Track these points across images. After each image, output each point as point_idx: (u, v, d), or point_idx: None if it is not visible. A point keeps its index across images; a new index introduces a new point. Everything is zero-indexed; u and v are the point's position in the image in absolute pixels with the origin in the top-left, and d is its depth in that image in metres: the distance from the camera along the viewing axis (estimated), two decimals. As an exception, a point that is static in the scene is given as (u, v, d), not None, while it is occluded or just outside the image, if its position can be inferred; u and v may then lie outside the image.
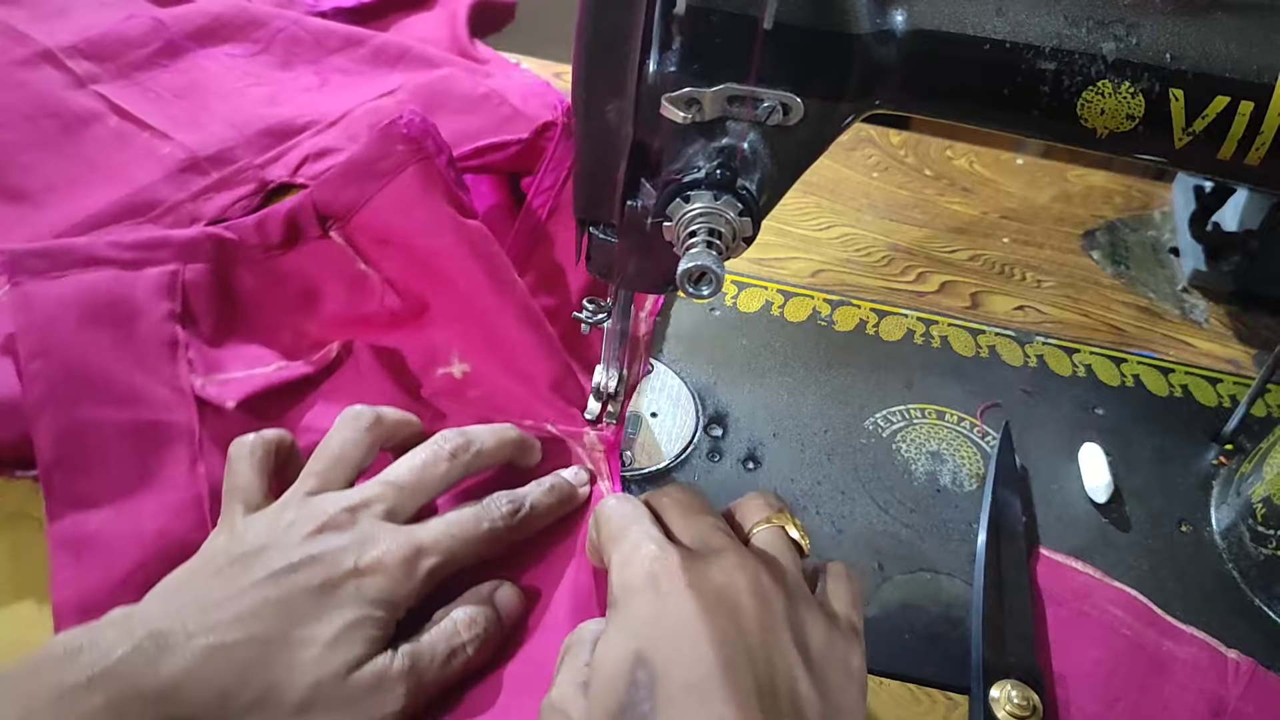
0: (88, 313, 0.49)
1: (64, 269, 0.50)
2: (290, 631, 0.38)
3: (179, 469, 0.47)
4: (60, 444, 0.46)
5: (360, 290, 0.56)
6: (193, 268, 0.53)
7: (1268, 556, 0.51)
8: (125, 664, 0.36)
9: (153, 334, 0.50)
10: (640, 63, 0.37)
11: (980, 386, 0.60)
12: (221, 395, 0.50)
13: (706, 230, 0.38)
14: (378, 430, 0.46)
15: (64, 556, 0.44)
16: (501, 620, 0.44)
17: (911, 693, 0.46)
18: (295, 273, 0.55)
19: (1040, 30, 0.38)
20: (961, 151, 0.80)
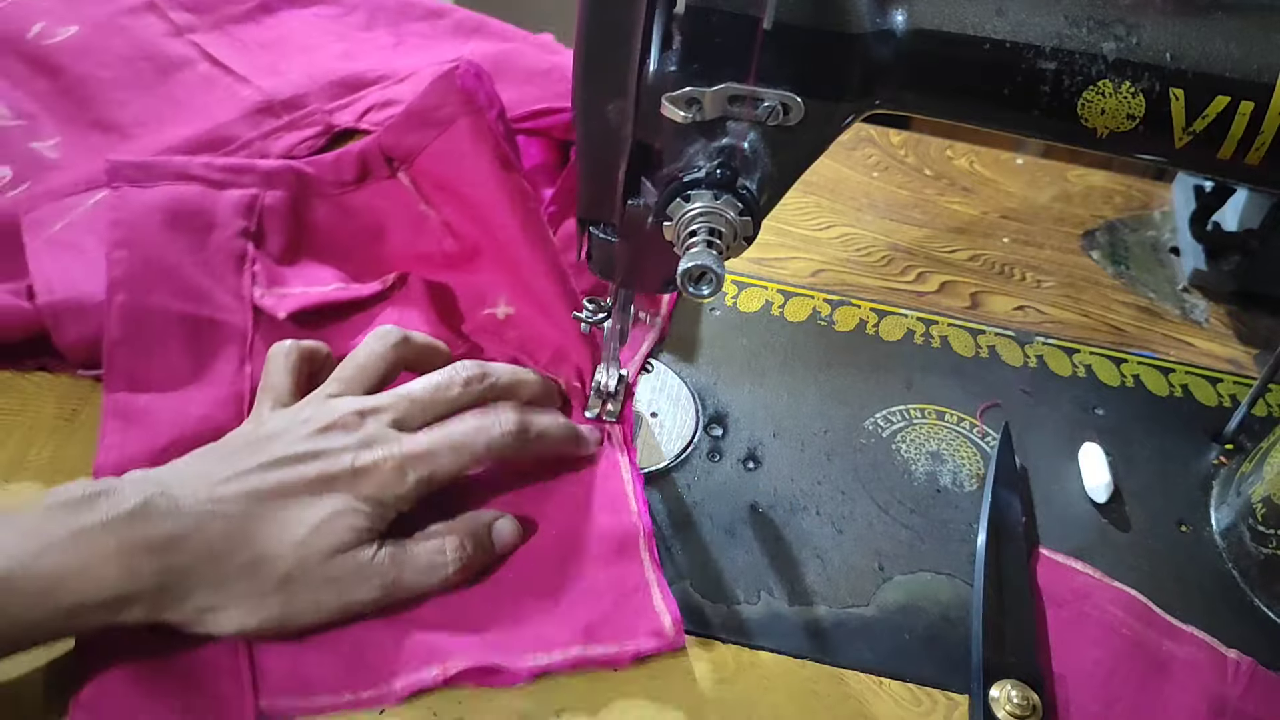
0: (170, 218, 0.55)
1: (157, 180, 0.57)
2: (281, 513, 0.42)
3: (228, 366, 0.52)
4: (128, 323, 0.51)
5: (421, 229, 0.61)
6: (272, 194, 0.59)
7: (1268, 556, 0.51)
8: (137, 515, 0.40)
9: (225, 245, 0.56)
10: (640, 63, 0.37)
11: (980, 386, 0.60)
12: (276, 306, 0.55)
13: (707, 230, 0.38)
14: (403, 349, 0.50)
15: (113, 423, 0.49)
16: (491, 550, 0.47)
17: (911, 693, 0.46)
18: (363, 208, 0.61)
19: (1040, 30, 0.38)
20: (961, 151, 0.80)
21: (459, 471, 0.46)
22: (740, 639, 0.47)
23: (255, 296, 0.55)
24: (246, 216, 0.58)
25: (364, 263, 0.60)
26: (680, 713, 0.44)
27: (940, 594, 0.50)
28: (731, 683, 0.46)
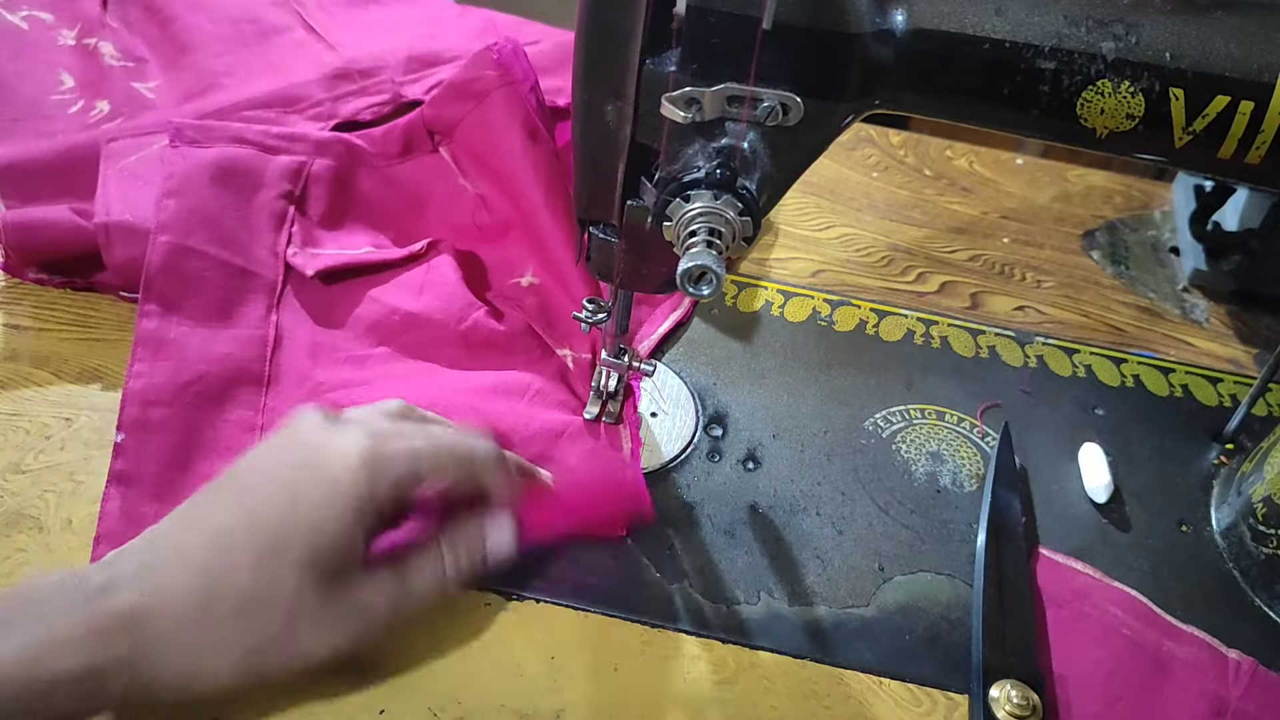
0: (220, 176, 0.59)
1: (214, 142, 0.61)
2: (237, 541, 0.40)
3: (256, 312, 0.56)
4: (168, 259, 0.55)
5: (458, 202, 0.64)
6: (321, 162, 0.63)
7: (1268, 556, 0.51)
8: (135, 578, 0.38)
9: (267, 205, 0.60)
10: (640, 63, 0.37)
11: (980, 387, 0.60)
12: (305, 265, 0.58)
13: (706, 230, 0.38)
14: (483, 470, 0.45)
15: (143, 351, 0.52)
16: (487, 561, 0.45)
17: (911, 693, 0.46)
18: (406, 181, 0.65)
19: (1040, 30, 0.38)
20: (961, 151, 0.80)
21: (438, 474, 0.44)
22: (740, 639, 0.47)
23: (288, 254, 0.58)
24: (292, 181, 0.61)
25: (402, 233, 0.63)
26: (680, 713, 0.44)
27: (940, 594, 0.50)
28: (731, 683, 0.46)
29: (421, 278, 0.59)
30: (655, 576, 0.49)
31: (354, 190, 0.64)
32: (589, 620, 0.47)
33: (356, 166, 0.64)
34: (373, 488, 0.41)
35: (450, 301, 0.57)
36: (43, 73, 0.69)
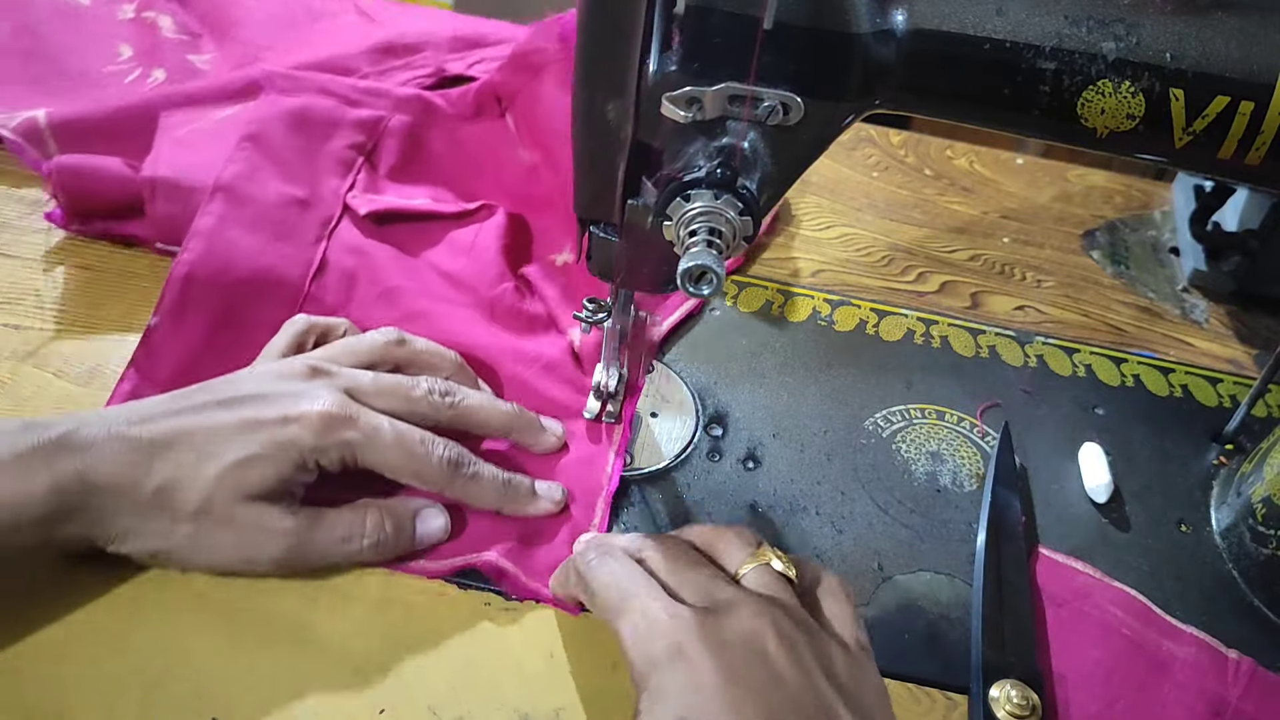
0: (299, 123, 0.64)
1: (302, 91, 0.66)
2: (205, 446, 0.43)
3: (309, 236, 0.60)
4: (235, 180, 0.59)
5: (514, 169, 0.67)
6: (398, 118, 0.67)
7: (1268, 556, 0.51)
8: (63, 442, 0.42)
9: (336, 153, 0.64)
10: (640, 62, 0.37)
11: (980, 386, 0.60)
12: (360, 205, 0.61)
13: (707, 229, 0.38)
14: (398, 348, 0.51)
15: (195, 243, 0.56)
16: (411, 538, 0.47)
17: (911, 693, 0.46)
18: (473, 143, 0.68)
19: (1040, 30, 0.38)
20: (961, 151, 0.80)
21: (381, 464, 0.46)
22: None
23: (348, 196, 0.62)
24: (365, 133, 0.66)
25: (460, 192, 0.66)
26: (680, 712, 0.44)
27: (940, 594, 0.50)
28: (731, 682, 0.46)
29: (470, 239, 0.62)
30: (655, 576, 0.49)
31: (423, 147, 0.67)
32: (589, 620, 0.47)
33: (430, 125, 0.68)
34: (318, 442, 0.44)
35: (486, 268, 0.60)
36: (102, 45, 0.72)
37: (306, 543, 0.45)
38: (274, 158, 0.61)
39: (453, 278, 0.60)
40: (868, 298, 0.65)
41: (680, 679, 0.36)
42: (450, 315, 0.58)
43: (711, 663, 0.36)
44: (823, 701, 0.37)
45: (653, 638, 0.38)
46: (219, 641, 0.44)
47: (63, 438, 0.42)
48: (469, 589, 0.47)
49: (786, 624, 0.38)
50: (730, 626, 0.38)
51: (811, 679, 0.37)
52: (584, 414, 0.54)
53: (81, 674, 0.42)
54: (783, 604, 0.40)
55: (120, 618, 0.44)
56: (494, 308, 0.59)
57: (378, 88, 0.68)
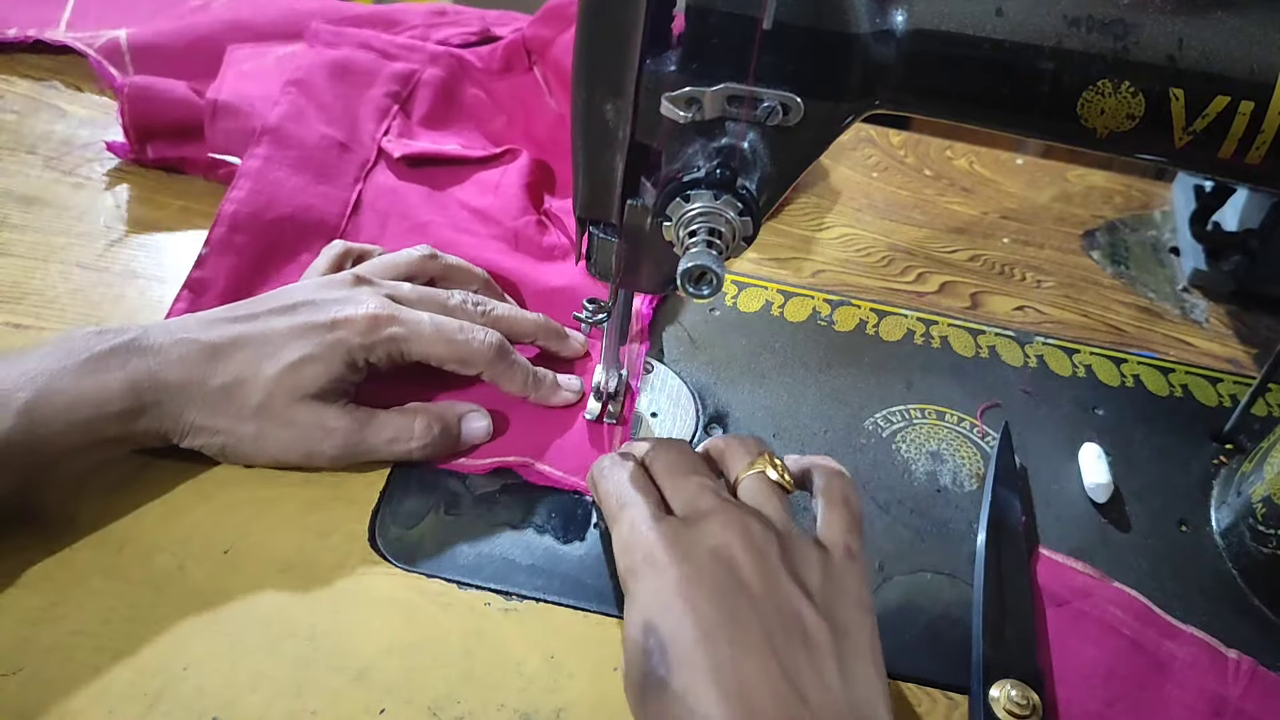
0: (340, 72, 0.70)
1: (343, 45, 0.73)
2: (262, 348, 0.48)
3: (347, 177, 0.65)
4: (281, 122, 0.65)
5: (541, 118, 0.73)
6: (431, 71, 0.73)
7: (1268, 556, 0.51)
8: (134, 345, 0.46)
9: (374, 101, 0.70)
10: (640, 62, 0.37)
11: (980, 386, 0.60)
12: (394, 149, 0.67)
13: (706, 230, 0.38)
14: (432, 262, 0.56)
15: (244, 181, 0.61)
16: (457, 440, 0.52)
17: (911, 693, 0.46)
18: (501, 95, 0.74)
19: (1040, 30, 0.38)
20: (961, 151, 0.80)
21: (431, 356, 0.51)
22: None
23: (383, 141, 0.68)
24: (401, 84, 0.72)
25: (488, 139, 0.72)
26: (680, 713, 0.44)
27: (940, 594, 0.50)
28: (731, 683, 0.46)
29: (496, 179, 0.67)
30: (655, 576, 0.49)
31: (455, 98, 0.74)
32: (589, 620, 0.47)
33: (462, 78, 0.74)
34: (365, 340, 0.48)
35: (510, 203, 0.65)
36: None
37: (359, 441, 0.49)
38: (317, 103, 0.67)
39: (480, 213, 0.65)
40: (868, 298, 0.65)
41: (649, 586, 0.39)
42: (477, 245, 0.62)
43: (676, 571, 0.39)
44: (787, 606, 0.38)
45: (634, 547, 0.40)
46: (220, 642, 0.44)
47: (134, 341, 0.46)
48: (469, 589, 0.47)
49: (758, 532, 0.40)
50: (700, 536, 0.40)
51: (778, 585, 0.39)
52: (585, 415, 0.54)
53: (83, 676, 0.42)
54: (763, 514, 0.41)
55: (121, 619, 0.44)
56: (517, 238, 0.64)
57: (413, 44, 0.74)
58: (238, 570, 0.47)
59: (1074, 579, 0.51)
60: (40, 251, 0.60)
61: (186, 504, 0.49)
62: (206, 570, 0.46)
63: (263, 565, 0.47)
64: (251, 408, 0.47)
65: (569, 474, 0.52)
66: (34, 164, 0.66)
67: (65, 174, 0.65)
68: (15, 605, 0.44)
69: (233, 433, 0.48)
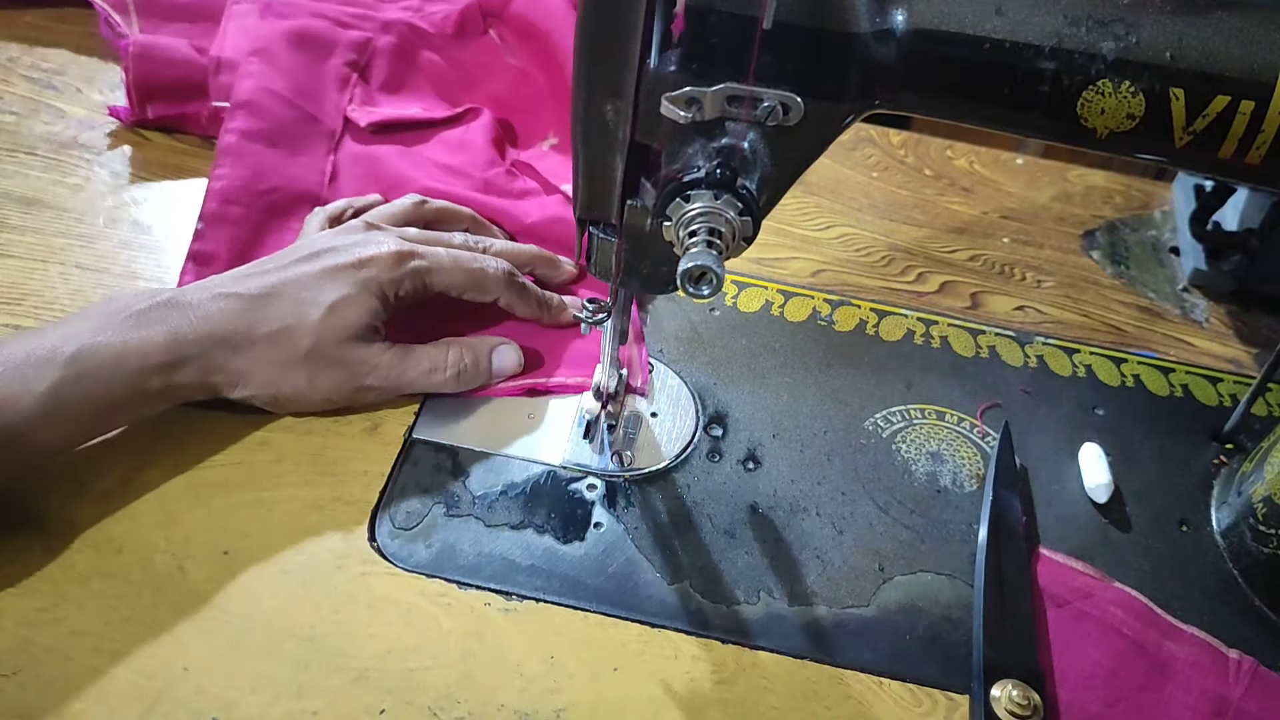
0: (298, 42, 0.71)
1: (297, 15, 0.73)
2: (300, 293, 0.50)
3: (320, 148, 0.67)
4: (253, 94, 0.66)
5: (504, 77, 0.75)
6: (385, 39, 0.74)
7: (1269, 556, 0.51)
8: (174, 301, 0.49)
9: (334, 70, 0.71)
10: (640, 63, 0.37)
11: (980, 386, 0.60)
12: (361, 118, 0.69)
13: (706, 230, 0.38)
14: (423, 207, 0.60)
15: (225, 159, 0.63)
16: (488, 371, 0.55)
17: (912, 693, 0.46)
18: (459, 59, 0.76)
19: (1040, 30, 0.38)
20: (961, 151, 0.80)
21: (452, 286, 0.54)
22: (740, 639, 0.47)
23: (348, 109, 0.69)
24: (357, 52, 0.73)
25: (450, 102, 0.73)
26: (680, 713, 0.44)
27: (940, 594, 0.50)
28: (731, 683, 0.46)
29: (460, 137, 0.70)
30: (655, 576, 0.49)
31: (412, 63, 0.75)
32: (589, 620, 0.47)
33: (417, 44, 0.75)
34: (394, 275, 0.52)
35: (478, 157, 0.68)
36: None
37: (401, 373, 0.52)
38: (282, 72, 0.68)
39: (450, 168, 0.67)
40: (868, 298, 0.65)
41: None
42: (455, 195, 0.64)
43: None
44: None
45: None
46: (220, 643, 0.44)
47: (173, 299, 0.48)
48: (469, 589, 0.47)
49: None
50: None
51: None
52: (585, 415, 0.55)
53: (83, 677, 0.42)
54: None
55: (121, 620, 0.44)
56: (488, 187, 0.67)
57: (363, 13, 0.75)
58: (237, 571, 0.47)
59: (1075, 579, 0.51)
60: (40, 253, 0.60)
61: (186, 505, 0.49)
62: (206, 571, 0.46)
63: (263, 566, 0.47)
64: (302, 351, 0.50)
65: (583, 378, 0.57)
66: (34, 165, 0.66)
67: (64, 175, 0.65)
68: (15, 606, 0.44)
69: (285, 379, 0.50)
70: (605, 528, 0.51)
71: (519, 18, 0.75)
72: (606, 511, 0.51)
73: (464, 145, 0.69)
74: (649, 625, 0.47)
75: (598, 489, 0.52)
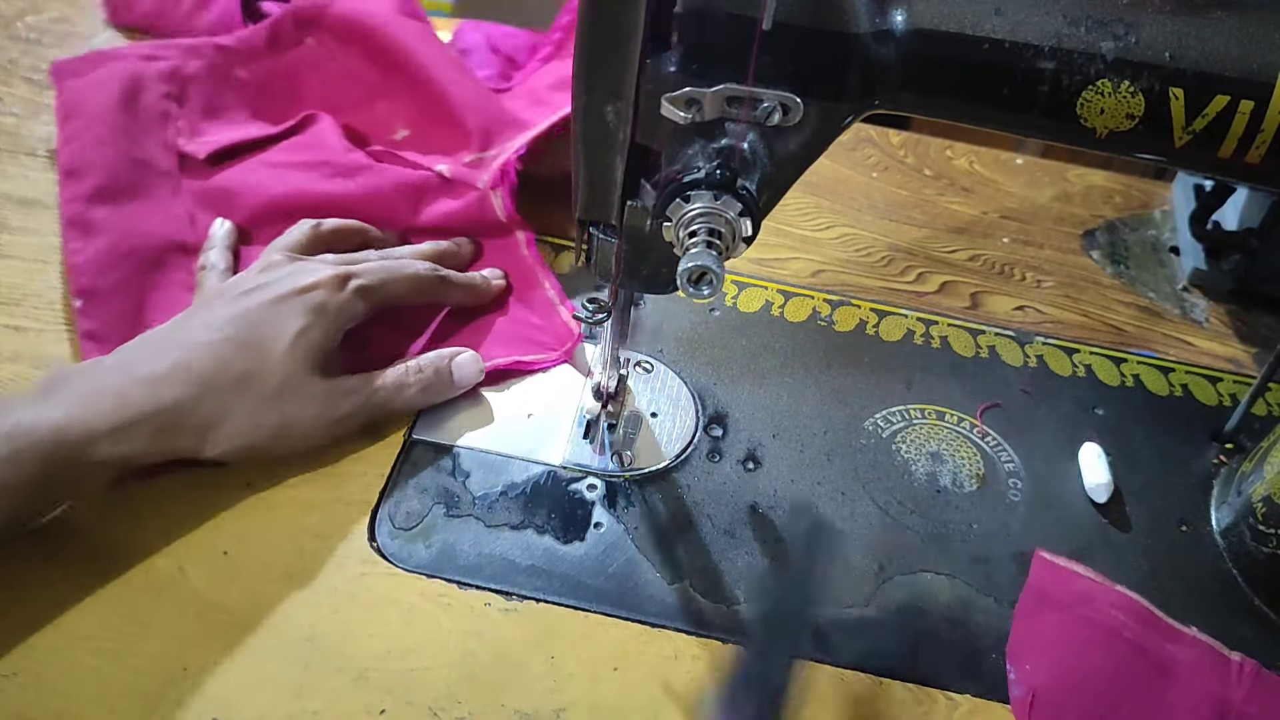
0: (106, 86, 0.67)
1: (97, 68, 0.69)
2: (255, 331, 0.49)
3: (165, 193, 0.63)
4: (75, 158, 0.62)
5: (332, 84, 0.71)
6: (193, 64, 0.70)
7: (1269, 555, 0.51)
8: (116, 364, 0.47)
9: (152, 106, 0.67)
10: (640, 63, 0.37)
11: (980, 386, 0.60)
12: (197, 150, 0.65)
13: (706, 230, 0.38)
14: (321, 230, 0.58)
15: (73, 232, 0.59)
16: (450, 381, 0.54)
17: (912, 693, 0.46)
18: (281, 73, 0.72)
19: (1039, 30, 0.38)
20: (961, 151, 0.80)
21: (398, 296, 0.55)
22: (740, 639, 0.47)
23: (180, 144, 0.66)
24: (169, 83, 0.69)
25: (280, 117, 0.69)
26: (680, 713, 0.44)
27: (940, 594, 0.50)
28: (732, 683, 0.46)
29: (307, 141, 0.67)
30: (655, 576, 0.49)
31: (230, 85, 0.71)
32: (589, 620, 0.47)
33: (229, 64, 0.71)
34: (342, 296, 0.51)
35: (331, 152, 0.65)
36: None
37: (372, 394, 0.51)
38: (98, 125, 0.64)
39: (309, 164, 0.64)
40: (868, 298, 0.65)
41: None
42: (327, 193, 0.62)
43: None
44: None
45: None
46: (220, 643, 0.44)
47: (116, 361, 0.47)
48: (469, 589, 0.47)
49: None
50: None
51: None
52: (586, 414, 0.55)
53: (83, 678, 0.42)
54: None
55: (121, 622, 0.44)
56: (353, 171, 0.64)
57: (163, 42, 0.72)
58: (238, 572, 0.47)
59: (1075, 583, 0.50)
60: (39, 253, 0.60)
61: (186, 507, 0.49)
62: (206, 573, 0.46)
63: (263, 567, 0.47)
64: (273, 389, 0.48)
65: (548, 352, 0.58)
66: (34, 166, 0.66)
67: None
68: (16, 609, 0.44)
69: (259, 425, 0.48)
70: (605, 528, 0.51)
71: (340, 22, 0.70)
72: (606, 511, 0.51)
73: (315, 144, 0.66)
74: (649, 625, 0.47)
75: (598, 489, 0.52)
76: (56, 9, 0.80)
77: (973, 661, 0.48)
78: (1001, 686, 0.47)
